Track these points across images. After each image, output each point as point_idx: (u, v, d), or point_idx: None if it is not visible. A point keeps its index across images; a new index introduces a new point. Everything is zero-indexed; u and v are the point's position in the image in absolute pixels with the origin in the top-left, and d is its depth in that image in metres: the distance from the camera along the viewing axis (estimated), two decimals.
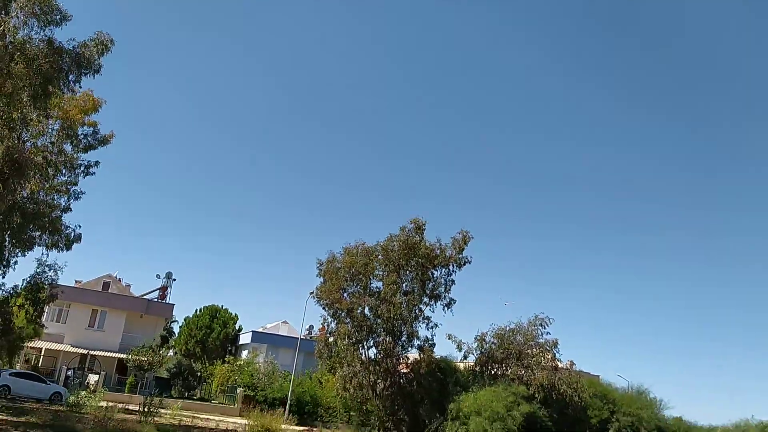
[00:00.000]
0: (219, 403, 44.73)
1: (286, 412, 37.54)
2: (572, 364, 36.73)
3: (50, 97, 20.97)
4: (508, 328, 36.82)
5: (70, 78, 20.84)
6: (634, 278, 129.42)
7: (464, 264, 36.28)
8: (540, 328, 36.32)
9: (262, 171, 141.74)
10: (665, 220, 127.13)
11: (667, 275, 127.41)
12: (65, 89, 22.08)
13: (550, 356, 35.91)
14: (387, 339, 35.22)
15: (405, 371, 36.86)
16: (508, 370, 35.61)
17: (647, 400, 37.03)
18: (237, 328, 61.00)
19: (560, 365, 36.17)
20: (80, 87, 23.46)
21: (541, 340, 36.20)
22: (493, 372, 36.17)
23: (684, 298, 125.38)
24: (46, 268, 30.61)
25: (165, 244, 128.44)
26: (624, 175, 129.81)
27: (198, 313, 60.93)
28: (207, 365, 53.76)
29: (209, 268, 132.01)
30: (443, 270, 36.29)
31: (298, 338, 49.07)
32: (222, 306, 61.40)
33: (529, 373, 34.23)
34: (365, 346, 35.83)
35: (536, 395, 32.80)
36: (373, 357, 35.92)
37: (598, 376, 47.16)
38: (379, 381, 35.09)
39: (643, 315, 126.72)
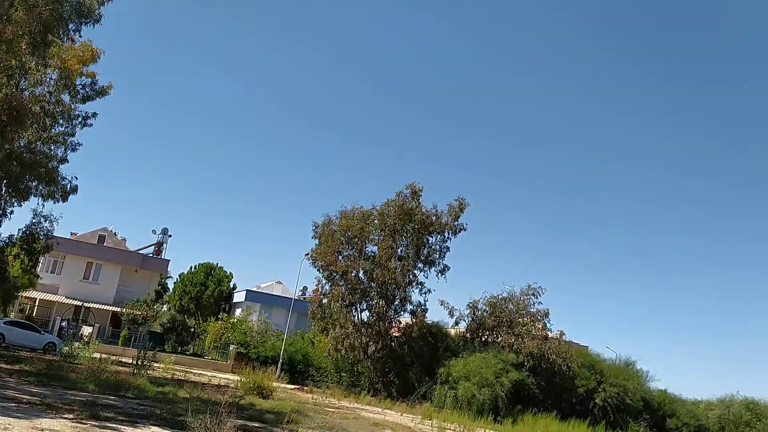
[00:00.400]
0: (211, 359, 45.18)
1: (278, 370, 37.94)
2: (562, 334, 37.16)
3: (49, 45, 20.69)
4: (500, 297, 37.24)
5: (70, 27, 20.58)
6: (628, 252, 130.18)
7: (459, 231, 36.55)
8: (532, 297, 36.81)
9: (262, 129, 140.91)
10: (662, 189, 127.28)
11: (661, 250, 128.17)
12: (65, 38, 21.79)
13: (540, 326, 36.35)
14: (380, 302, 35.58)
15: (397, 335, 37.28)
16: (498, 338, 36.07)
17: (634, 371, 37.54)
18: (231, 286, 61.41)
19: (550, 335, 36.61)
20: (80, 36, 23.22)
21: (532, 310, 36.67)
22: (483, 339, 36.63)
23: (675, 273, 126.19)
24: (42, 219, 30.61)
25: (162, 200, 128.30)
26: (621, 141, 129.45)
27: (193, 269, 61.28)
28: (201, 322, 54.15)
29: (206, 225, 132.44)
30: (438, 236, 36.57)
31: (291, 298, 49.41)
32: (217, 264, 61.77)
33: (520, 342, 34.66)
34: (358, 309, 36.25)
35: (525, 363, 33.28)
36: (365, 320, 36.34)
37: (587, 346, 47.80)
38: (370, 343, 35.54)
39: (633, 288, 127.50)
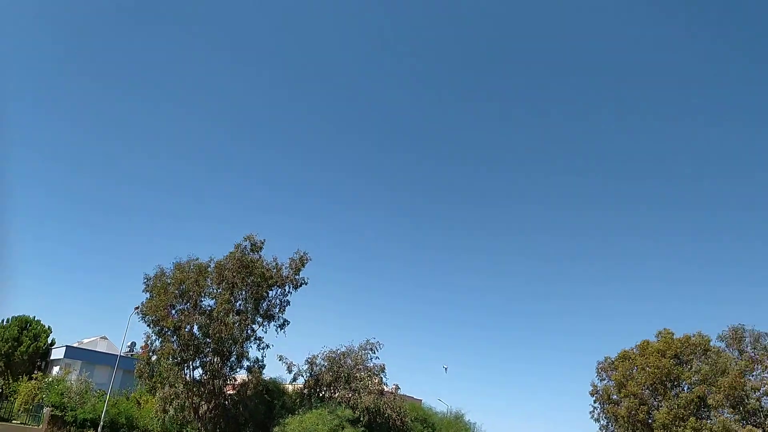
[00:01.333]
0: (21, 423, 40.90)
1: None
2: (397, 387, 37.94)
3: None
4: (339, 351, 37.36)
5: None
6: (462, 307, 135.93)
7: (301, 285, 36.43)
8: (370, 352, 37.27)
9: (83, 177, 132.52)
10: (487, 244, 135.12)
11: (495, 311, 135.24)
12: None
13: (377, 380, 36.80)
14: (215, 359, 34.29)
15: (231, 393, 36.02)
16: (336, 393, 36.02)
17: (463, 423, 39.12)
18: (50, 341, 56.20)
19: (386, 389, 37.16)
20: None
21: (369, 364, 37.09)
22: (321, 394, 36.39)
23: (493, 326, 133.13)
24: None
25: None
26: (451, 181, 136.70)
27: (4, 323, 55.41)
28: (10, 381, 48.93)
29: (21, 274, 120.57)
30: (279, 290, 36.18)
31: (117, 355, 46.23)
32: (34, 317, 56.35)
33: (356, 397, 34.82)
34: (191, 366, 34.65)
35: (362, 418, 33.43)
36: (198, 378, 34.76)
37: (421, 400, 49.39)
38: (202, 403, 34.03)
39: (464, 341, 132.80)
